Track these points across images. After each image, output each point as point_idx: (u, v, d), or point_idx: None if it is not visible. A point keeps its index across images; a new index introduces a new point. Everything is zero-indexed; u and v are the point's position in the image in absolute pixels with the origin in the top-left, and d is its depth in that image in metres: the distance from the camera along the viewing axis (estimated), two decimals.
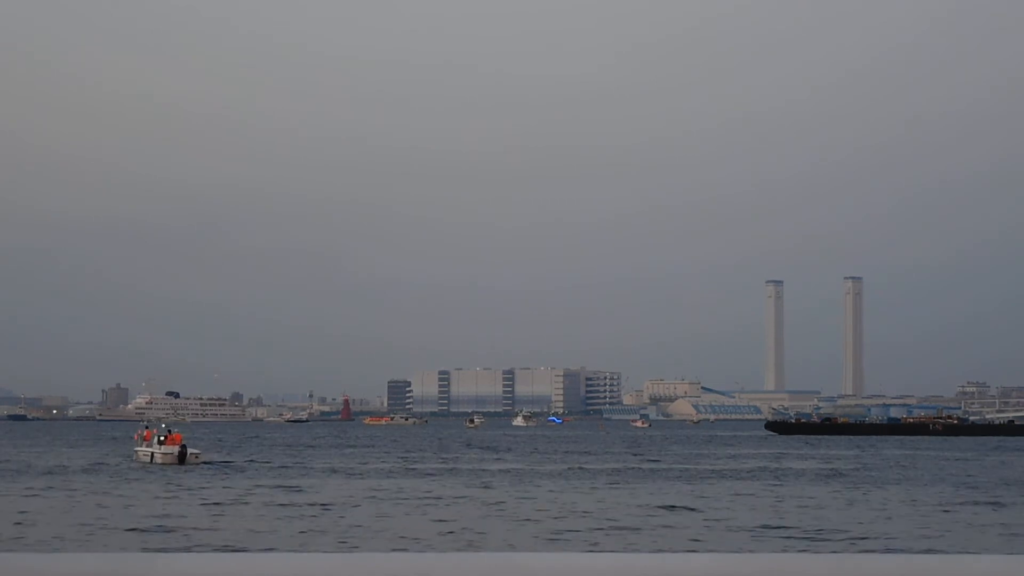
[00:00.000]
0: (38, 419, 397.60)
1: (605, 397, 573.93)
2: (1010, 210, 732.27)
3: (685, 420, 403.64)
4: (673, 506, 46.84)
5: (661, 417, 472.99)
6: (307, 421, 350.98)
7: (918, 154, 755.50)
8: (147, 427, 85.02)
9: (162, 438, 76.91)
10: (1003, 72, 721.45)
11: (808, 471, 74.36)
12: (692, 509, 45.70)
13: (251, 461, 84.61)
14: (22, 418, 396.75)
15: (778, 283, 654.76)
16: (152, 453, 76.29)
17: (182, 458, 74.91)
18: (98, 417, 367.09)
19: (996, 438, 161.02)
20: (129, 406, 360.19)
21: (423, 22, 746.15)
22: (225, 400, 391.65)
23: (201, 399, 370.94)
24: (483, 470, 73.12)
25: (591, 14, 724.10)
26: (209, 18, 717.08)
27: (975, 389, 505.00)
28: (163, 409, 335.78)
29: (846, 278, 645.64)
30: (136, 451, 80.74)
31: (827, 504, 49.34)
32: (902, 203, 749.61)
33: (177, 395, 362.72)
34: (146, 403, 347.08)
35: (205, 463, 76.96)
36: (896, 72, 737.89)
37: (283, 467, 76.96)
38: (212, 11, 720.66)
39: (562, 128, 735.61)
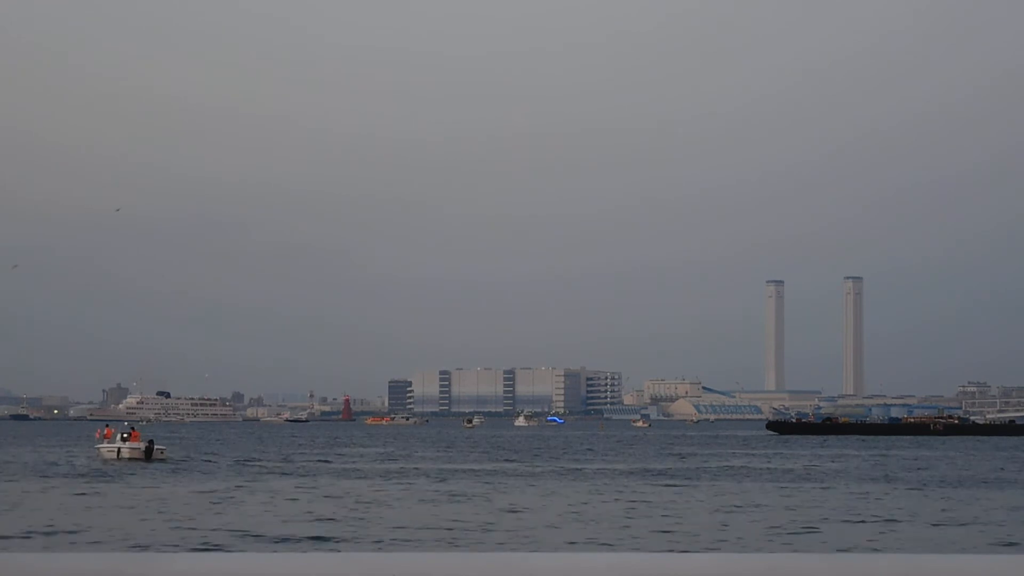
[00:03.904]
0: (39, 419, 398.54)
1: (606, 397, 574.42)
2: (1012, 208, 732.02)
3: (685, 420, 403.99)
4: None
5: (662, 417, 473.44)
6: (307, 421, 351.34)
7: (918, 151, 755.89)
8: (107, 425, 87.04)
9: (125, 435, 78.78)
10: (1001, 67, 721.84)
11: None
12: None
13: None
14: (24, 418, 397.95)
15: (778, 283, 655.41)
16: (118, 449, 77.49)
17: (148, 454, 76.70)
18: (89, 417, 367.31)
19: (996, 438, 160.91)
20: (120, 406, 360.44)
21: (427, 15, 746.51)
22: (216, 400, 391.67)
23: (192, 399, 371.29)
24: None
25: (590, 7, 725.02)
26: (214, 10, 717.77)
27: (975, 389, 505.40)
28: (153, 409, 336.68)
29: (846, 278, 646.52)
30: (98, 448, 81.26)
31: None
32: (903, 201, 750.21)
33: (168, 395, 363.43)
34: (137, 403, 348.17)
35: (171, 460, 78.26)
36: (892, 68, 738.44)
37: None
38: (218, 3, 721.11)
39: (561, 125, 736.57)
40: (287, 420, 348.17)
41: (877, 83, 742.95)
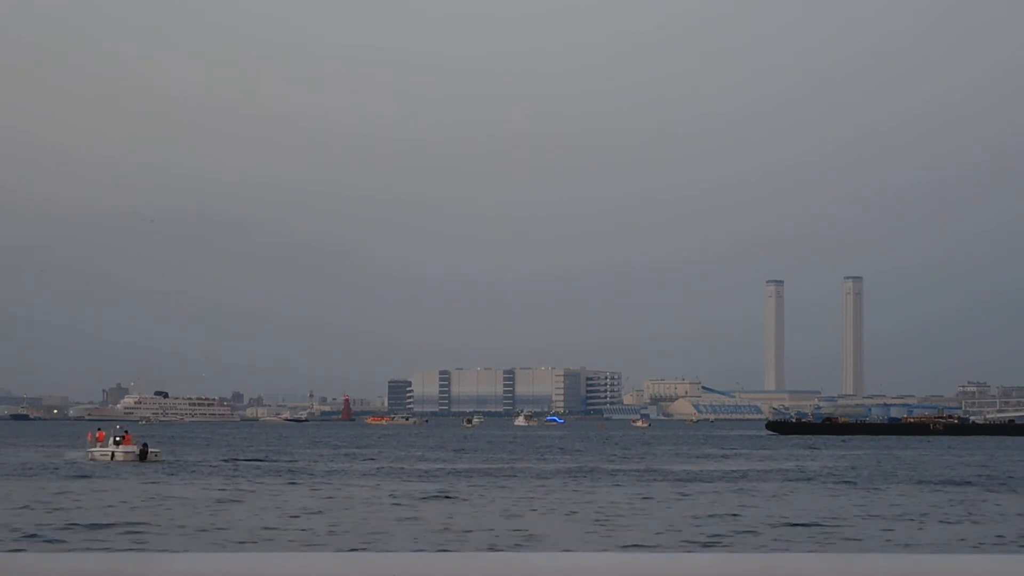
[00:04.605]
0: (39, 419, 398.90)
1: (606, 397, 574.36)
2: (1012, 208, 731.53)
3: (685, 420, 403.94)
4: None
5: (662, 417, 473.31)
6: (306, 421, 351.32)
7: (918, 151, 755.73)
8: (99, 428, 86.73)
9: (118, 439, 78.46)
10: (1001, 67, 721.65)
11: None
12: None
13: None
14: (24, 418, 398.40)
15: (778, 283, 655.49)
16: (112, 452, 77.15)
17: (143, 456, 76.71)
18: (87, 417, 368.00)
19: (996, 438, 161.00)
20: (118, 406, 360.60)
21: (427, 15, 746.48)
22: (214, 400, 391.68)
23: (190, 399, 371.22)
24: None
25: (590, 7, 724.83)
26: (214, 10, 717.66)
27: (975, 389, 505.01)
28: (151, 409, 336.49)
29: (846, 278, 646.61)
30: (91, 451, 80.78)
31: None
32: (903, 201, 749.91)
33: (166, 395, 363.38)
34: (135, 403, 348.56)
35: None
36: (892, 68, 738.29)
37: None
38: (218, 3, 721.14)
39: (561, 125, 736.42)
40: (286, 420, 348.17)
41: (877, 83, 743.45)
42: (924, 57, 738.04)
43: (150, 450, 78.45)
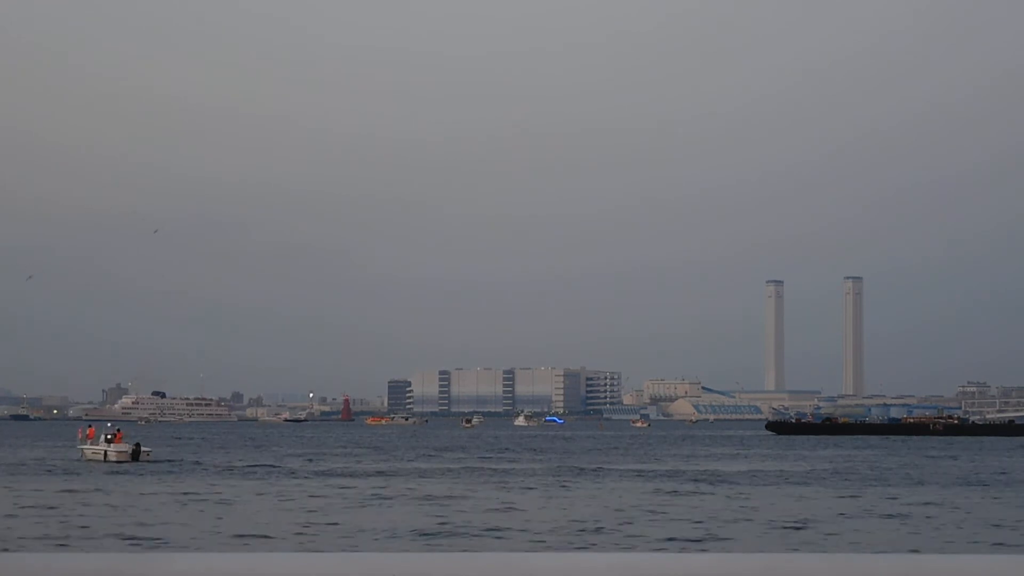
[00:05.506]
0: (39, 419, 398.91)
1: (605, 397, 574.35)
2: (1012, 208, 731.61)
3: (685, 420, 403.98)
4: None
5: (661, 417, 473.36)
6: (305, 421, 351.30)
7: (918, 151, 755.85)
8: (90, 425, 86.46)
9: (109, 436, 78.11)
10: (1001, 67, 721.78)
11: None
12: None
13: None
14: (24, 418, 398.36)
15: (778, 283, 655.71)
16: (105, 451, 76.66)
17: (135, 456, 76.30)
18: (84, 417, 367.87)
19: (995, 438, 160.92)
20: (116, 406, 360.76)
21: (427, 15, 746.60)
22: (212, 400, 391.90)
23: (188, 399, 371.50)
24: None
25: (590, 7, 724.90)
26: (214, 10, 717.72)
27: (975, 389, 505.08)
28: (148, 409, 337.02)
29: (846, 278, 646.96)
30: (82, 449, 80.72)
31: None
32: (903, 201, 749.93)
33: (163, 395, 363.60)
34: (132, 403, 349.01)
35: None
36: (892, 68, 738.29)
37: None
38: (218, 3, 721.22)
39: (561, 125, 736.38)
40: (286, 420, 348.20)
41: (877, 83, 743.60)
42: (924, 57, 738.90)
43: (142, 449, 78.33)
